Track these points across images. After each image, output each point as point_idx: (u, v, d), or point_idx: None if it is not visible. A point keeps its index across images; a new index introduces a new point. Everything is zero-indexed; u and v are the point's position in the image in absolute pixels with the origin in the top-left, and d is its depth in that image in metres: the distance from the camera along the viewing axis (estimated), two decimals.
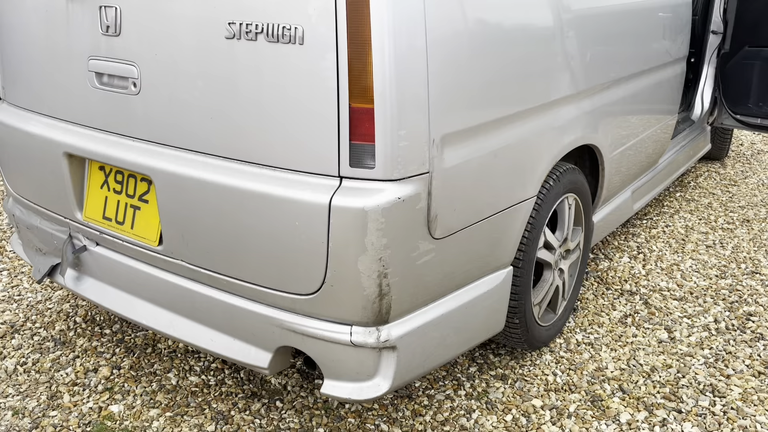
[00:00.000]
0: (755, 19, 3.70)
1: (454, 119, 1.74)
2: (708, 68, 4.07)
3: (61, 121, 2.14)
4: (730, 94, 3.87)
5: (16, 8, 2.18)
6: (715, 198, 4.15)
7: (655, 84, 3.04)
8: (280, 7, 1.59)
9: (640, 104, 2.92)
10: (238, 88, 1.70)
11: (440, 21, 1.64)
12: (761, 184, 4.44)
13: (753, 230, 3.66)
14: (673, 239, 3.53)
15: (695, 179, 4.50)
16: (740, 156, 5.08)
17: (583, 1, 2.25)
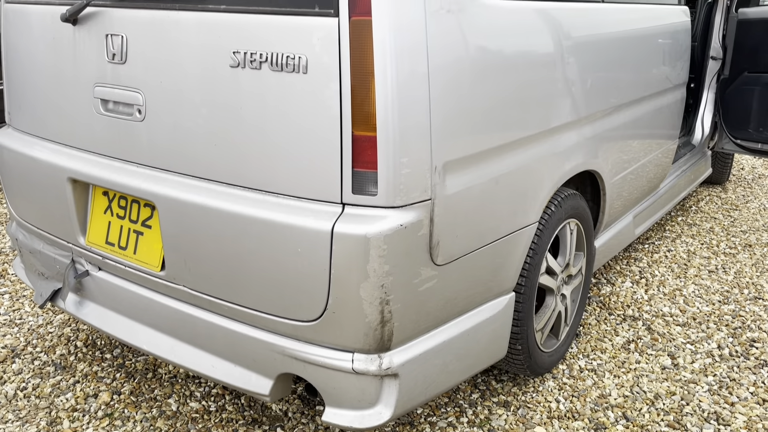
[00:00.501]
0: (754, 45, 3.74)
1: (456, 146, 1.76)
2: (708, 93, 4.10)
3: (65, 147, 2.16)
4: (730, 119, 3.90)
5: (24, 35, 2.21)
6: (717, 222, 4.15)
7: (656, 110, 3.06)
8: (284, 37, 1.61)
9: (641, 130, 2.93)
10: (242, 115, 1.71)
11: (442, 49, 1.66)
12: (762, 208, 4.44)
13: (755, 255, 3.66)
14: (675, 264, 3.52)
15: (697, 203, 4.50)
16: (741, 180, 5.09)
17: (582, 29, 2.28)
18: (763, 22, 3.70)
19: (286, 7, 1.60)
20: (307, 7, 1.58)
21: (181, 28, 1.78)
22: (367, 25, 1.53)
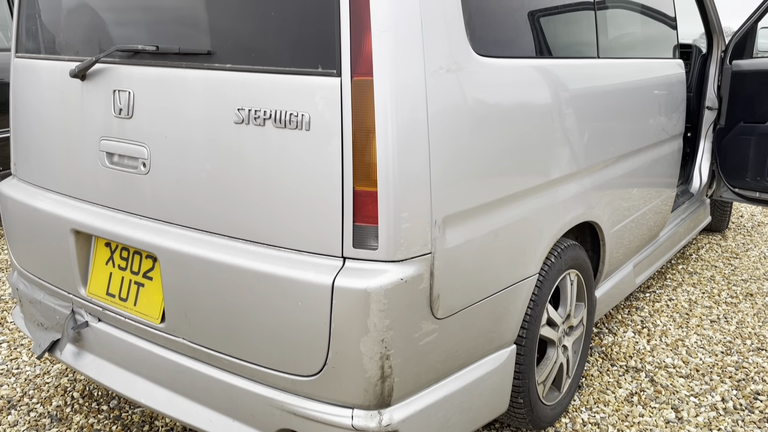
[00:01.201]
0: (748, 96, 3.81)
1: (456, 200, 1.78)
2: (704, 142, 4.16)
3: (69, 198, 2.18)
4: (727, 167, 3.94)
5: (32, 88, 2.26)
6: (718, 271, 4.15)
7: (653, 160, 3.10)
8: (288, 95, 1.65)
9: (639, 180, 2.97)
10: (245, 170, 1.74)
11: (441, 108, 1.69)
12: (763, 256, 4.44)
13: (757, 305, 3.65)
14: (677, 313, 3.51)
15: (697, 251, 4.51)
16: (741, 228, 5.10)
17: (578, 84, 2.33)
18: (756, 73, 3.78)
19: (290, 67, 1.64)
20: (310, 67, 1.62)
21: (187, 85, 1.82)
22: (369, 85, 1.57)
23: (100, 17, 2.03)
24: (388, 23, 1.56)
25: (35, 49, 2.26)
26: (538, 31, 2.12)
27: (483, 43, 1.84)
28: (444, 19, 1.69)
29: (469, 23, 1.78)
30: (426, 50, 1.64)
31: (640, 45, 2.93)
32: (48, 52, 2.21)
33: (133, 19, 1.94)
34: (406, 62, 1.60)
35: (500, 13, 1.93)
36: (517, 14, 2.00)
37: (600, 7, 2.52)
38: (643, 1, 2.97)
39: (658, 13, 3.15)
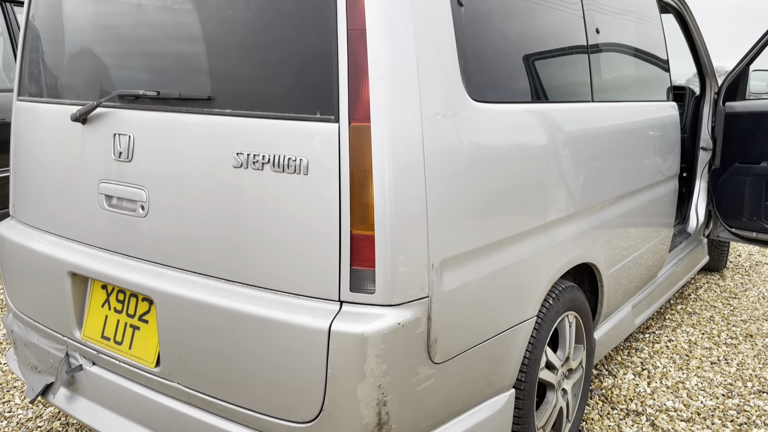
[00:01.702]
0: (742, 137, 3.85)
1: (453, 243, 1.78)
2: (700, 183, 4.19)
3: (67, 240, 2.18)
4: (723, 207, 3.96)
5: (33, 130, 2.28)
6: (717, 311, 4.13)
7: (649, 201, 3.11)
8: (286, 140, 1.67)
9: (636, 221, 2.98)
10: (243, 214, 1.75)
11: (438, 152, 1.71)
12: (761, 297, 4.43)
13: (757, 346, 3.62)
14: (677, 355, 3.48)
15: (695, 291, 4.50)
16: (739, 267, 5.10)
17: (574, 127, 2.36)
18: (749, 115, 3.83)
19: (289, 113, 1.67)
20: (308, 113, 1.64)
21: (187, 130, 1.84)
22: (366, 131, 1.59)
23: (102, 62, 2.06)
24: (385, 71, 1.59)
25: (37, 93, 2.29)
26: (533, 76, 2.16)
27: (479, 88, 1.87)
28: (440, 66, 1.72)
29: (465, 70, 1.82)
30: (422, 96, 1.66)
31: (633, 88, 2.98)
32: (50, 96, 2.24)
33: (134, 64, 1.97)
34: (403, 108, 1.62)
35: (495, 60, 1.96)
36: (511, 60, 2.04)
37: (593, 52, 2.57)
38: (636, 45, 3.03)
39: (650, 56, 3.21)
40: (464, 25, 1.83)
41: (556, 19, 2.31)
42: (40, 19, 2.30)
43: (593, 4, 2.60)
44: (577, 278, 2.73)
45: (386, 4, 1.59)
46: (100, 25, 2.07)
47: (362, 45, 1.58)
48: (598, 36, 2.62)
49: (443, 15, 1.74)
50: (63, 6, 2.20)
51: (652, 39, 3.22)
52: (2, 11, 4.46)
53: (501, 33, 1.99)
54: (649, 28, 3.20)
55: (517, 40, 2.07)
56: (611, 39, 2.75)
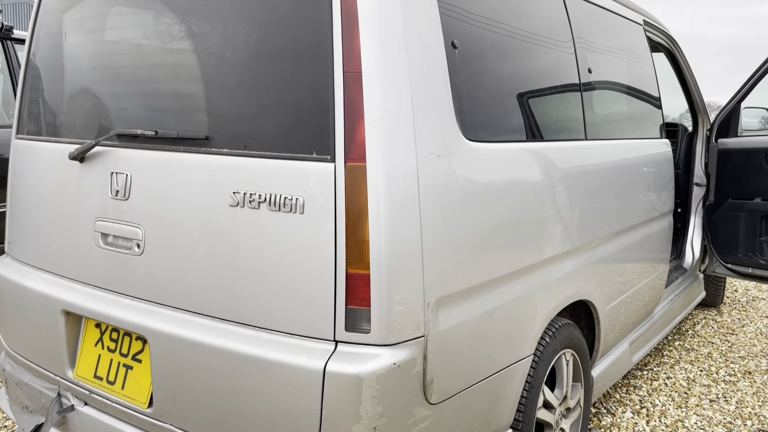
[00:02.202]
0: (735, 174, 3.89)
1: (449, 282, 1.78)
2: (695, 218, 4.21)
3: (62, 278, 2.18)
4: (719, 243, 3.97)
5: (31, 169, 2.29)
6: (715, 347, 4.11)
7: (644, 238, 3.12)
8: (282, 180, 1.68)
9: (631, 258, 2.98)
10: (239, 252, 1.75)
11: (432, 191, 1.72)
12: (759, 332, 4.41)
13: (756, 383, 3.59)
14: (675, 392, 3.45)
15: (693, 327, 4.48)
16: (736, 302, 5.09)
17: (568, 163, 2.38)
18: (742, 152, 3.87)
19: (286, 152, 1.68)
20: (304, 153, 1.66)
21: (184, 169, 1.85)
22: (362, 170, 1.60)
23: (100, 101, 2.08)
24: (381, 112, 1.61)
25: (36, 131, 2.31)
26: (527, 115, 2.19)
27: (473, 128, 1.90)
28: (435, 107, 1.75)
29: (459, 110, 1.84)
30: (417, 137, 1.68)
31: (626, 126, 3.02)
32: (48, 135, 2.26)
33: (132, 104, 1.99)
34: (398, 148, 1.64)
35: (489, 100, 1.99)
36: (505, 100, 2.07)
37: (586, 91, 2.61)
38: (628, 83, 3.08)
39: (642, 94, 3.26)
40: (458, 67, 1.86)
41: (548, 59, 2.36)
42: (40, 58, 2.34)
43: (585, 45, 2.65)
44: (573, 315, 2.72)
45: (382, 48, 1.62)
46: (100, 65, 2.10)
47: (358, 87, 1.60)
48: (590, 75, 2.66)
49: (438, 57, 1.77)
50: (63, 45, 2.23)
51: (643, 77, 3.28)
52: (3, 48, 4.52)
53: (494, 74, 2.03)
54: (640, 66, 3.26)
55: (511, 81, 2.11)
56: (603, 78, 2.79)
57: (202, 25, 1.85)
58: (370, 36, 1.61)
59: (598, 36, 2.80)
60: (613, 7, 3.03)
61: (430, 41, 1.75)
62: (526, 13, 2.25)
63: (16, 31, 4.56)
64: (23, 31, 4.63)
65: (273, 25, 1.72)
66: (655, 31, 3.63)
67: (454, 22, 1.87)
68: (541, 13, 2.35)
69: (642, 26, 3.39)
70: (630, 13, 3.26)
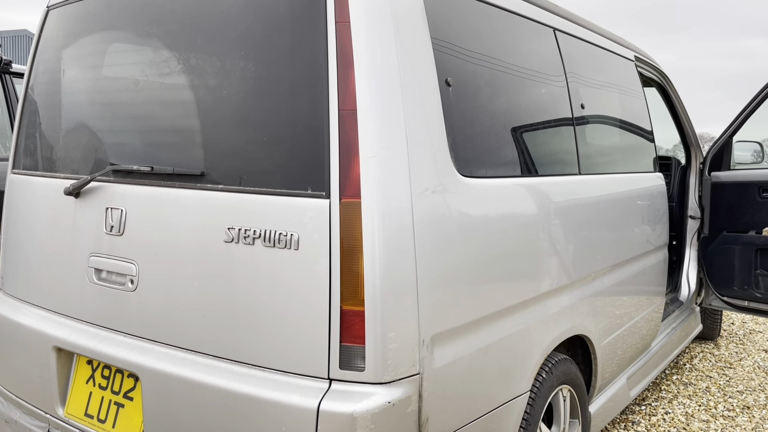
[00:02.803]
0: (729, 207, 3.91)
1: (444, 318, 1.77)
2: (690, 251, 4.22)
3: (54, 314, 2.16)
4: (714, 276, 3.97)
5: (26, 204, 2.29)
6: (713, 381, 4.07)
7: (640, 272, 3.12)
8: (278, 216, 1.68)
9: (627, 291, 2.98)
10: (233, 289, 1.74)
11: (427, 227, 1.72)
12: (757, 366, 4.39)
13: (754, 418, 3.56)
14: (674, 428, 3.41)
15: (690, 361, 4.45)
16: (733, 335, 5.07)
17: (562, 198, 2.39)
18: (735, 185, 3.90)
19: (281, 188, 1.69)
20: (300, 189, 1.66)
21: (179, 204, 1.86)
22: (356, 207, 1.61)
23: (97, 137, 2.10)
24: (375, 149, 1.62)
25: (32, 167, 2.32)
26: (521, 151, 2.21)
27: (467, 164, 1.91)
28: (429, 144, 1.76)
29: (454, 146, 1.86)
30: (412, 173, 1.69)
31: (620, 160, 3.04)
32: (44, 170, 2.26)
33: (129, 139, 2.00)
34: (393, 185, 1.65)
35: (483, 136, 2.01)
36: (499, 136, 2.09)
37: (579, 126, 2.64)
38: (620, 118, 3.12)
39: (635, 128, 3.29)
40: (452, 104, 1.88)
41: (541, 95, 2.39)
42: (38, 93, 2.35)
43: (577, 81, 2.68)
44: (570, 350, 2.71)
45: (377, 86, 1.64)
46: (97, 101, 2.11)
47: (353, 124, 1.62)
48: (583, 110, 2.69)
49: (432, 95, 1.79)
50: (61, 81, 2.25)
51: (635, 112, 3.31)
52: (1, 82, 4.55)
53: (488, 110, 2.05)
54: (632, 101, 3.30)
55: (504, 117, 2.13)
56: (596, 113, 2.82)
57: (199, 61, 1.87)
58: (365, 74, 1.63)
59: (590, 72, 2.84)
60: (604, 44, 3.08)
61: (425, 79, 1.77)
62: (519, 51, 2.29)
63: (14, 65, 4.60)
64: (22, 65, 4.67)
65: (269, 63, 1.74)
66: (647, 66, 3.69)
67: (448, 59, 1.90)
68: (534, 51, 2.39)
69: (633, 62, 3.44)
70: (621, 49, 3.32)
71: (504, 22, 2.22)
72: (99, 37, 2.15)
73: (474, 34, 2.04)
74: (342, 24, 1.64)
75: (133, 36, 2.04)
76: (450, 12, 1.94)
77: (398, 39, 1.71)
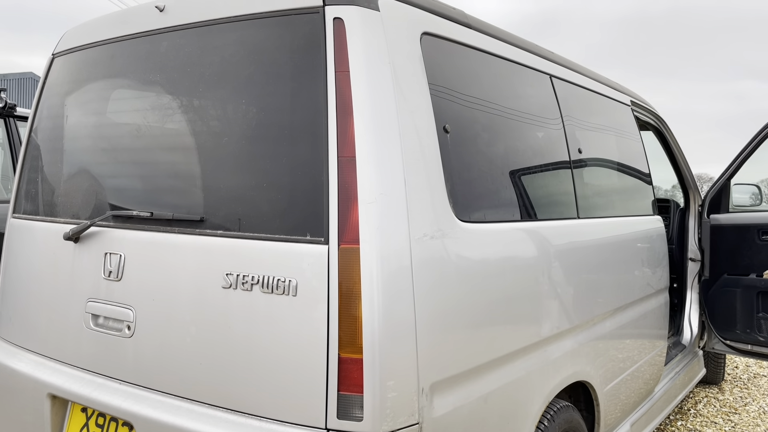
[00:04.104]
0: (729, 249, 3.90)
1: (444, 366, 1.75)
2: (691, 294, 4.19)
3: (50, 360, 2.13)
4: (716, 319, 3.94)
5: (25, 248, 2.29)
6: (718, 428, 4.00)
7: (641, 315, 3.10)
8: (276, 261, 1.68)
9: (629, 335, 2.95)
10: (230, 335, 1.73)
11: (426, 273, 1.72)
12: (762, 411, 4.31)
13: None
14: None
15: (695, 406, 4.38)
16: (737, 380, 5.00)
17: (561, 242, 2.39)
18: (735, 228, 3.90)
19: (280, 234, 1.69)
20: (299, 235, 1.66)
21: (177, 250, 1.86)
22: (355, 253, 1.61)
23: (98, 182, 2.11)
24: (374, 195, 1.63)
25: (32, 211, 2.32)
26: (519, 196, 2.22)
27: (466, 209, 1.91)
28: (428, 190, 1.77)
29: (452, 192, 1.86)
30: (411, 219, 1.70)
31: (618, 203, 3.05)
32: (45, 214, 2.27)
33: (130, 184, 2.01)
34: (392, 231, 1.65)
35: (481, 182, 2.02)
36: (497, 182, 2.10)
37: (577, 171, 2.66)
38: (618, 161, 3.14)
39: (633, 171, 3.32)
40: (450, 150, 1.90)
41: (539, 141, 2.41)
42: (41, 138, 2.38)
43: (574, 125, 2.71)
44: (572, 396, 2.66)
45: (375, 133, 1.65)
46: (98, 147, 2.13)
47: (352, 171, 1.63)
48: (580, 155, 2.71)
49: (430, 141, 1.81)
50: (64, 126, 2.28)
51: (633, 155, 3.34)
52: (5, 125, 4.61)
53: (486, 156, 2.07)
54: (629, 145, 3.33)
55: (502, 163, 2.15)
56: (593, 157, 2.85)
57: (201, 108, 1.90)
58: (364, 122, 1.65)
59: (587, 117, 2.87)
60: (600, 90, 3.13)
61: (423, 126, 1.79)
62: (516, 97, 2.32)
63: (19, 108, 4.66)
64: (27, 109, 4.73)
65: (269, 110, 1.76)
66: (643, 110, 3.74)
67: (446, 106, 1.92)
68: (531, 97, 2.42)
69: (630, 106, 3.49)
70: (617, 94, 3.36)
71: (501, 69, 2.26)
72: (102, 84, 2.19)
73: (471, 81, 2.07)
74: (342, 73, 1.67)
75: (136, 83, 2.07)
76: (447, 60, 1.97)
77: (396, 87, 1.73)
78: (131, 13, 2.16)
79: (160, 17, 2.05)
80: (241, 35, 1.85)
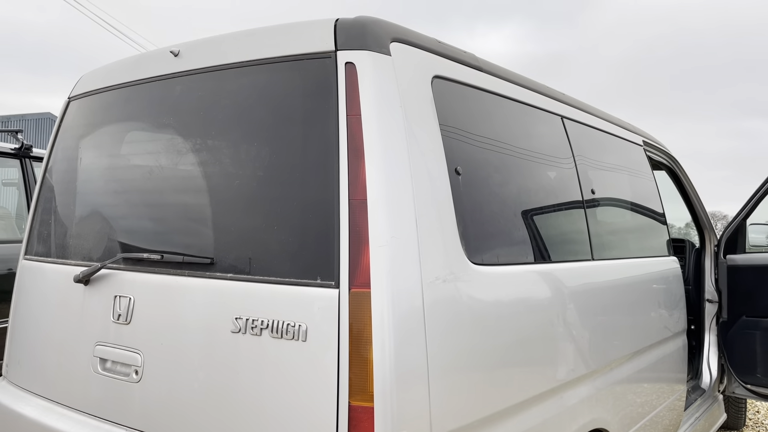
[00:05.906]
0: (747, 291, 3.83)
1: (457, 415, 1.70)
2: (709, 336, 4.10)
3: (56, 405, 2.10)
4: (736, 362, 3.84)
5: (35, 290, 2.28)
6: None
7: (659, 359, 3.03)
8: (286, 305, 1.66)
9: (647, 380, 2.87)
10: (239, 381, 1.69)
11: (439, 318, 1.69)
12: None
13: None
14: None
15: None
16: (759, 425, 4.85)
17: (575, 284, 2.35)
18: (752, 269, 3.83)
19: (290, 278, 1.67)
20: (309, 278, 1.64)
21: (187, 293, 1.84)
22: (366, 297, 1.58)
23: (109, 225, 2.11)
24: (385, 238, 1.61)
25: (44, 253, 2.33)
26: (532, 237, 2.19)
27: (478, 252, 1.89)
28: (440, 233, 1.75)
29: (464, 235, 1.84)
30: (422, 262, 1.67)
31: (633, 245, 3.01)
32: (56, 256, 2.27)
33: (141, 227, 2.01)
34: (403, 275, 1.63)
35: (494, 224, 2.00)
36: (510, 224, 2.08)
37: (590, 212, 2.63)
38: (632, 202, 3.11)
39: (647, 211, 3.28)
40: (462, 192, 1.88)
41: (551, 182, 2.39)
42: (55, 180, 2.39)
43: (587, 167, 2.70)
44: None
45: (387, 177, 1.65)
46: (111, 189, 2.14)
47: (363, 214, 1.61)
48: (593, 196, 2.69)
49: (441, 184, 1.79)
50: (78, 169, 2.30)
51: (646, 196, 3.31)
52: (21, 166, 4.67)
53: (498, 198, 2.05)
54: (642, 185, 3.30)
55: (515, 205, 2.13)
56: (607, 198, 2.82)
57: (213, 151, 1.90)
58: (375, 165, 1.64)
59: (600, 158, 2.86)
60: (612, 130, 3.12)
61: (434, 168, 1.78)
62: (528, 139, 2.31)
63: (35, 149, 4.73)
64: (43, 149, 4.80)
65: (281, 153, 1.76)
66: (655, 150, 3.72)
67: (457, 147, 1.92)
68: (542, 138, 2.41)
69: (642, 146, 3.47)
70: (629, 134, 3.35)
71: (512, 111, 2.26)
72: (116, 126, 2.21)
73: (483, 123, 2.07)
74: (353, 117, 1.67)
75: (150, 126, 2.09)
76: (458, 102, 1.98)
77: (408, 130, 1.73)
78: (146, 57, 2.20)
79: (174, 62, 2.08)
80: (254, 79, 1.86)
